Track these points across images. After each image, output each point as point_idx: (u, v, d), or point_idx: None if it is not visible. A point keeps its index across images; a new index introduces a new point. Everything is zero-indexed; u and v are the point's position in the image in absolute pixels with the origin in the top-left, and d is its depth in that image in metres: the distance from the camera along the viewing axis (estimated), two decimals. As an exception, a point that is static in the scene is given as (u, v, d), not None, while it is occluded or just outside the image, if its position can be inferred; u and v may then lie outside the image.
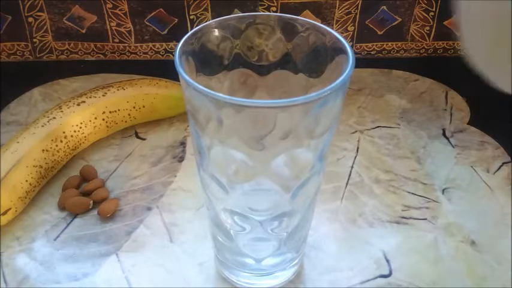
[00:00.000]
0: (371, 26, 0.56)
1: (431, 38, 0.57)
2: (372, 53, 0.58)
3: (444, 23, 0.56)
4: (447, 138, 0.47)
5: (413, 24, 0.56)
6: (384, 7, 0.55)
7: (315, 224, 0.37)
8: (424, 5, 0.55)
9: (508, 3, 0.20)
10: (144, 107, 0.47)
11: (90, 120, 0.44)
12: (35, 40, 0.57)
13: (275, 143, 0.27)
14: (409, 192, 0.41)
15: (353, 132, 0.47)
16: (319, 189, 0.31)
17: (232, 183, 0.29)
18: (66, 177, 0.43)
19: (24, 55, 0.58)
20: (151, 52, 0.58)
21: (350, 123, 0.48)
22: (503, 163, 0.44)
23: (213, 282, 0.35)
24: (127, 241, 0.38)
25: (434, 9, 0.55)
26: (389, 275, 0.35)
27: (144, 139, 0.47)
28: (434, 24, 0.56)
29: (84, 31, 0.56)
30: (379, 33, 0.57)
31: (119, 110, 0.46)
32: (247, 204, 0.30)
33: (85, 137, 0.45)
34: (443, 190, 0.42)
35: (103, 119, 0.45)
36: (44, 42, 0.57)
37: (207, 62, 0.30)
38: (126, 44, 0.57)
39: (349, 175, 0.43)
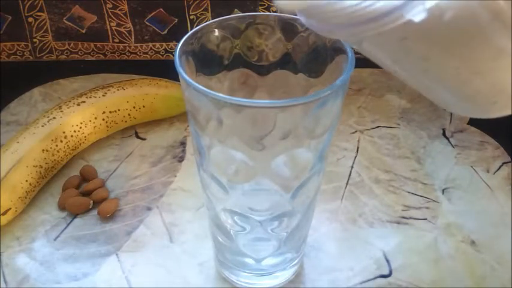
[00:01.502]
0: (371, 26, 0.56)
1: (431, 38, 0.57)
2: (372, 53, 0.58)
3: (444, 23, 0.56)
4: (447, 138, 0.47)
5: (413, 24, 0.56)
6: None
7: (315, 224, 0.37)
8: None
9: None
10: (144, 107, 0.47)
11: (90, 120, 0.44)
12: (35, 40, 0.57)
13: (275, 143, 0.27)
14: (409, 192, 0.41)
15: (353, 132, 0.47)
16: (319, 189, 0.31)
17: (232, 183, 0.29)
18: (66, 177, 0.43)
19: (24, 55, 0.58)
20: (151, 52, 0.58)
21: (350, 123, 0.48)
22: (503, 163, 0.44)
23: (213, 282, 0.35)
24: (127, 241, 0.38)
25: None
26: (389, 275, 0.35)
27: (144, 139, 0.47)
28: (434, 24, 0.56)
29: (84, 31, 0.56)
30: (379, 33, 0.57)
31: (118, 110, 0.46)
32: (247, 204, 0.30)
33: (85, 137, 0.45)
34: (443, 190, 0.42)
35: (103, 119, 0.45)
36: (44, 42, 0.57)
37: (207, 62, 0.30)
38: (126, 44, 0.57)
39: (349, 175, 0.43)
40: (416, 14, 0.17)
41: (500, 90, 0.21)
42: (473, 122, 0.48)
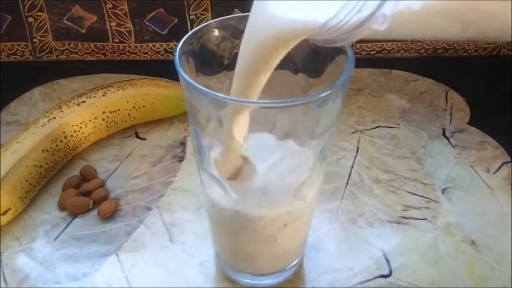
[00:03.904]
0: (371, 26, 0.56)
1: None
2: (371, 53, 0.58)
3: (444, 23, 0.56)
4: (447, 138, 0.47)
5: (413, 24, 0.56)
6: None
7: (315, 224, 0.37)
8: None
9: None
10: (144, 107, 0.47)
11: (90, 120, 0.44)
12: (35, 40, 0.57)
13: (275, 143, 0.27)
14: (409, 192, 0.41)
15: (353, 132, 0.47)
16: (319, 189, 0.31)
17: (232, 183, 0.29)
18: (66, 177, 0.43)
19: (24, 55, 0.58)
20: (151, 52, 0.58)
21: (350, 123, 0.48)
22: (503, 163, 0.44)
23: (213, 282, 0.35)
24: (127, 241, 0.38)
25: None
26: (389, 275, 0.35)
27: (144, 139, 0.47)
28: (434, 24, 0.56)
29: (84, 31, 0.56)
30: (379, 33, 0.57)
31: (119, 110, 0.46)
32: (247, 204, 0.30)
33: (85, 137, 0.45)
34: (443, 190, 0.42)
35: (103, 119, 0.45)
36: (44, 42, 0.57)
37: (207, 62, 0.30)
38: (126, 44, 0.57)
39: (349, 175, 0.43)
40: (381, 24, 0.19)
41: None
42: (473, 122, 0.48)
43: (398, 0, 0.19)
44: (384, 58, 0.58)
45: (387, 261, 0.36)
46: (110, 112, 0.45)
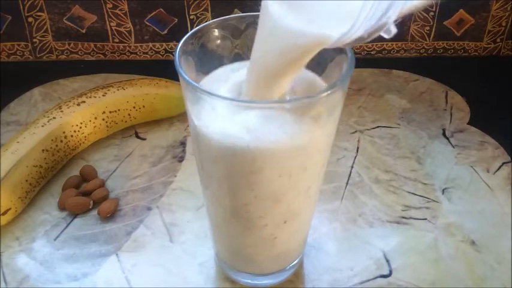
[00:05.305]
0: (371, 26, 0.56)
1: (431, 38, 0.57)
2: (372, 53, 0.58)
3: (444, 23, 0.56)
4: (447, 138, 0.47)
5: (413, 24, 0.56)
6: (384, 7, 0.55)
7: (315, 224, 0.37)
8: (424, 5, 0.55)
9: None
10: (144, 107, 0.47)
11: (90, 120, 0.44)
12: (35, 40, 0.57)
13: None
14: (409, 192, 0.41)
15: (353, 132, 0.47)
16: (319, 188, 0.31)
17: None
18: (66, 177, 0.43)
19: (24, 55, 0.58)
20: (151, 52, 0.58)
21: (350, 123, 0.48)
22: (503, 163, 0.44)
23: (213, 282, 0.35)
24: (127, 241, 0.38)
25: (434, 9, 0.55)
26: (389, 275, 0.35)
27: (144, 139, 0.47)
28: (434, 24, 0.56)
29: (84, 31, 0.56)
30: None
31: (118, 110, 0.46)
32: (248, 204, 0.30)
33: (85, 137, 0.45)
34: (443, 190, 0.42)
35: (103, 119, 0.45)
36: (44, 42, 0.57)
37: (207, 62, 0.30)
38: (126, 44, 0.57)
39: (349, 175, 0.43)
40: (388, 32, 0.20)
41: None
42: (473, 122, 0.48)
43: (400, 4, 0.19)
44: (384, 58, 0.58)
45: (387, 261, 0.36)
46: (110, 112, 0.46)
